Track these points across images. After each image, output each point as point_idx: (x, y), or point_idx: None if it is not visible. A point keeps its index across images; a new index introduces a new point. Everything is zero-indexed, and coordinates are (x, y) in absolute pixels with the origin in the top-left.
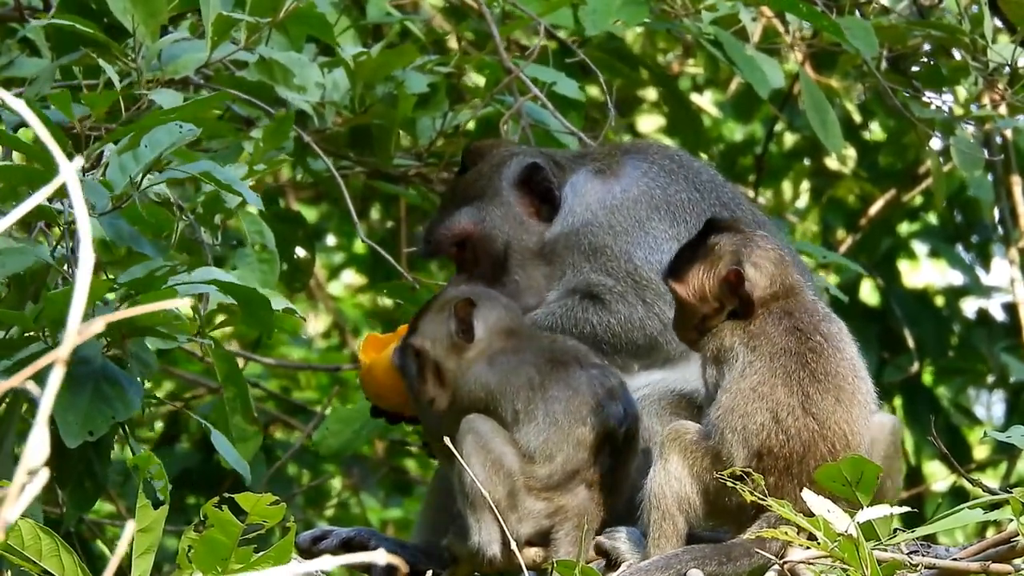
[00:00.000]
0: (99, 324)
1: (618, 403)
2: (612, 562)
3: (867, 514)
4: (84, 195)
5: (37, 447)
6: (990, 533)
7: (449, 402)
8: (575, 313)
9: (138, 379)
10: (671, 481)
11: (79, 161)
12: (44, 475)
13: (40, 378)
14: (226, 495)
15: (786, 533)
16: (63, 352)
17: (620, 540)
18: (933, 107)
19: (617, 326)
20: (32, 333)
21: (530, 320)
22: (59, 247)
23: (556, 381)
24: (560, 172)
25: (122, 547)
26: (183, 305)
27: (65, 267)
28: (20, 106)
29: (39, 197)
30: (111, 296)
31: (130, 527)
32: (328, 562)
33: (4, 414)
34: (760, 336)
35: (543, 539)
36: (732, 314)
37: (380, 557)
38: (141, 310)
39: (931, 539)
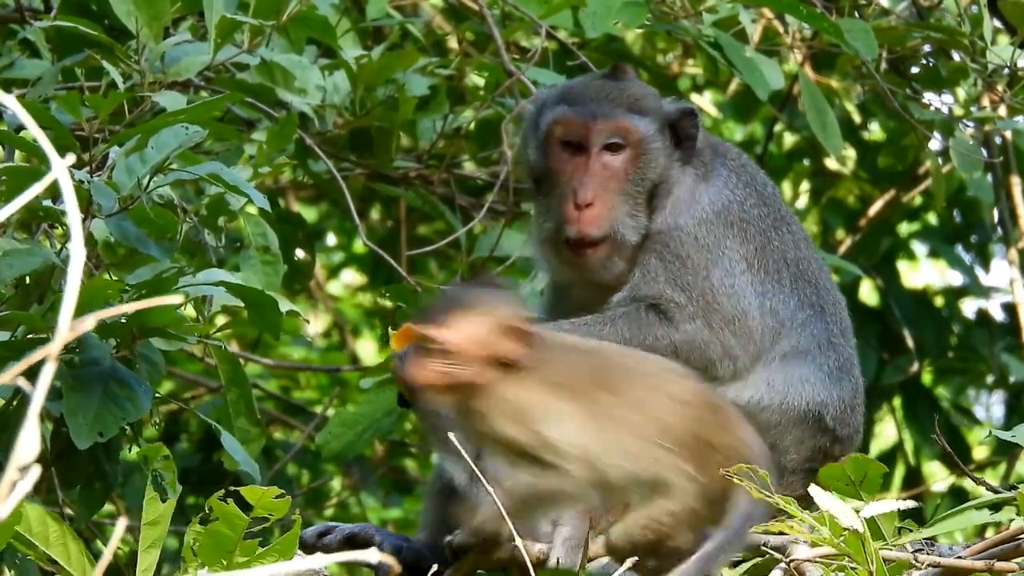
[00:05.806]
0: (90, 321)
1: None
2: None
3: (872, 509)
4: (92, 196)
5: (29, 443)
6: (990, 533)
7: None
8: (639, 320)
9: (146, 380)
10: None
11: (71, 158)
12: (36, 471)
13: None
14: (231, 488)
15: (792, 528)
16: (54, 348)
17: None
18: (932, 108)
19: (681, 344)
20: (40, 334)
21: (592, 320)
22: (64, 248)
23: None
24: None
25: (114, 542)
26: (175, 302)
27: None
28: (11, 101)
29: (30, 194)
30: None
31: (121, 524)
32: (325, 559)
33: (11, 413)
34: None
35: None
36: None
37: (372, 556)
38: (136, 306)
39: (931, 538)
